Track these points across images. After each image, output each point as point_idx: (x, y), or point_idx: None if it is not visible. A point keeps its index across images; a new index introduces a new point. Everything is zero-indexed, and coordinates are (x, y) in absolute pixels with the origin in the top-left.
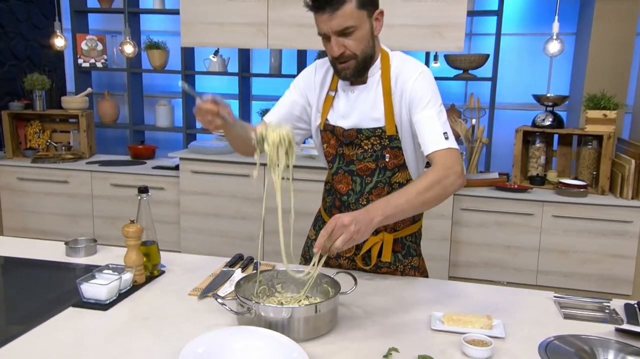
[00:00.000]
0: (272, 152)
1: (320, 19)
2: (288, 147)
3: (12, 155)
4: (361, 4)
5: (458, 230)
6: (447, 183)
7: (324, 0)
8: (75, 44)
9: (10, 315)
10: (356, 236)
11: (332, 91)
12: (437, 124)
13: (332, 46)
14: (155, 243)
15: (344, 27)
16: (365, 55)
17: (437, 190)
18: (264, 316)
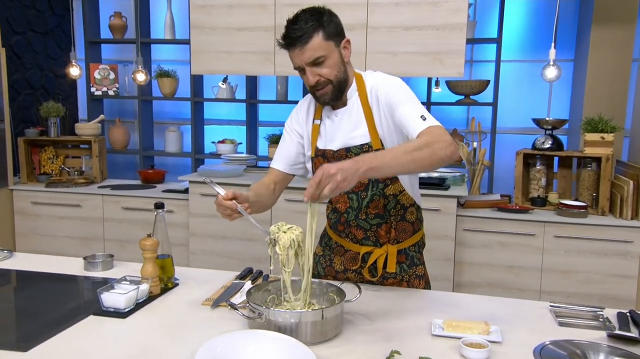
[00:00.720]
0: (282, 254)
1: (293, 54)
2: (297, 249)
3: (26, 180)
4: (327, 35)
5: (461, 251)
6: (437, 147)
7: (294, 38)
8: (88, 73)
9: (35, 323)
10: (342, 184)
11: (317, 119)
12: (414, 112)
13: (307, 76)
14: (170, 257)
15: (315, 58)
16: (339, 79)
17: (426, 152)
18: (274, 320)
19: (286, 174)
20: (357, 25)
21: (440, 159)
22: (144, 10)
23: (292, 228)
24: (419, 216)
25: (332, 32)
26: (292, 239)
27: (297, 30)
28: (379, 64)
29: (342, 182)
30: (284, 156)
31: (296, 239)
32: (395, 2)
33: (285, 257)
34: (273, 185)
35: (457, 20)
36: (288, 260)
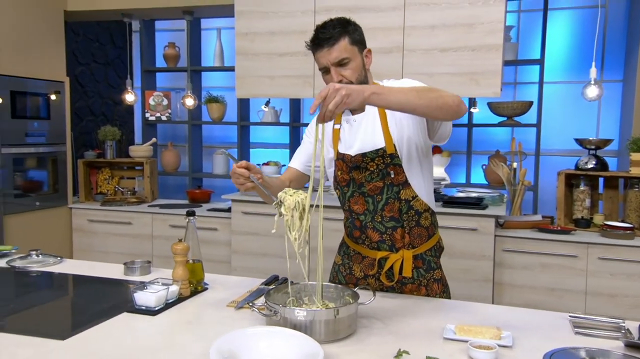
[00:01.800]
0: (287, 214)
1: (320, 54)
2: (302, 212)
3: (84, 199)
4: (353, 40)
5: (501, 272)
6: (447, 96)
7: (322, 38)
8: (144, 99)
9: (76, 317)
10: (347, 100)
11: (337, 124)
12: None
13: (332, 75)
14: (200, 262)
15: (341, 59)
16: (360, 82)
17: (434, 95)
18: (289, 318)
19: (302, 173)
20: (393, 48)
21: (447, 104)
22: (195, 40)
23: (298, 193)
24: (434, 221)
25: (356, 39)
26: (297, 201)
27: (325, 32)
28: None
29: (346, 98)
30: (302, 157)
31: (301, 202)
32: (431, 25)
33: (290, 218)
34: (288, 182)
35: (492, 41)
36: (293, 222)
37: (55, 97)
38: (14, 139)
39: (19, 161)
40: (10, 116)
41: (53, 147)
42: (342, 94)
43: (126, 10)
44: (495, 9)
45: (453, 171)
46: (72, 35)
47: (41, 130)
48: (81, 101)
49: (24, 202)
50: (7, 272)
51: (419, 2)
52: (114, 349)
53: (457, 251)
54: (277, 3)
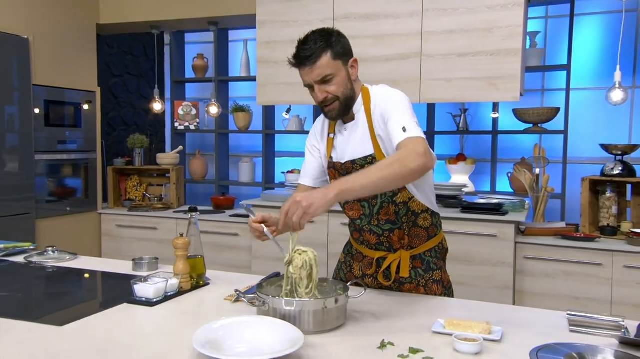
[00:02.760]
0: (295, 274)
1: (303, 73)
2: (310, 271)
3: (113, 205)
4: (335, 55)
5: (522, 279)
6: (407, 161)
7: (304, 57)
8: (173, 109)
9: (79, 306)
10: (309, 211)
11: (331, 133)
12: (398, 123)
13: (316, 93)
14: (201, 257)
15: (324, 76)
16: (346, 96)
17: (396, 167)
18: (277, 308)
19: (313, 188)
20: (411, 54)
21: (411, 171)
22: (223, 52)
23: (307, 252)
24: (435, 222)
25: (339, 52)
26: (305, 260)
27: (306, 50)
28: (433, 90)
29: (308, 209)
30: (308, 171)
31: (309, 261)
32: (449, 30)
33: (299, 277)
34: None
35: (511, 45)
36: (301, 279)
37: (87, 106)
38: (48, 147)
39: (51, 167)
40: (44, 124)
41: (84, 155)
42: (302, 206)
43: (154, 22)
44: (514, 13)
45: (478, 179)
46: (107, 49)
47: (73, 138)
48: (114, 111)
49: (55, 207)
50: (24, 267)
51: (436, 8)
52: (106, 334)
53: (476, 257)
54: (297, 12)
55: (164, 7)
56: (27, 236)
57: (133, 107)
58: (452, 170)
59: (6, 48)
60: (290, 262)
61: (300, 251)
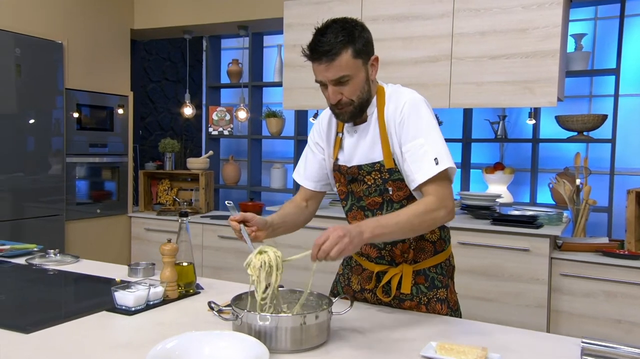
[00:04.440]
0: (254, 275)
1: (318, 68)
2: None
3: (143, 209)
4: (356, 53)
5: (558, 298)
6: (438, 216)
7: (321, 51)
8: (207, 114)
9: (54, 312)
10: (349, 247)
11: (340, 132)
12: (430, 152)
13: (329, 94)
14: (191, 264)
15: (340, 77)
16: (361, 100)
17: (428, 220)
18: (251, 324)
19: (317, 192)
20: (441, 56)
21: (437, 225)
22: (257, 57)
23: (268, 252)
24: (443, 236)
25: (361, 50)
26: (264, 261)
27: (324, 43)
28: (463, 94)
29: (349, 245)
30: (310, 173)
31: (268, 262)
32: (481, 32)
33: (257, 279)
34: (305, 202)
35: (548, 46)
36: (260, 282)
37: (121, 110)
38: (79, 150)
39: (83, 170)
40: (77, 127)
41: (116, 158)
42: (345, 242)
43: (186, 26)
44: (551, 12)
45: (518, 189)
46: (145, 54)
47: (105, 141)
48: (151, 116)
49: (86, 209)
50: (22, 268)
51: (468, 8)
52: (68, 344)
53: (506, 272)
54: (324, 15)
55: (196, 12)
56: (57, 237)
57: (170, 112)
58: (489, 180)
59: (41, 53)
60: (249, 263)
61: (262, 251)
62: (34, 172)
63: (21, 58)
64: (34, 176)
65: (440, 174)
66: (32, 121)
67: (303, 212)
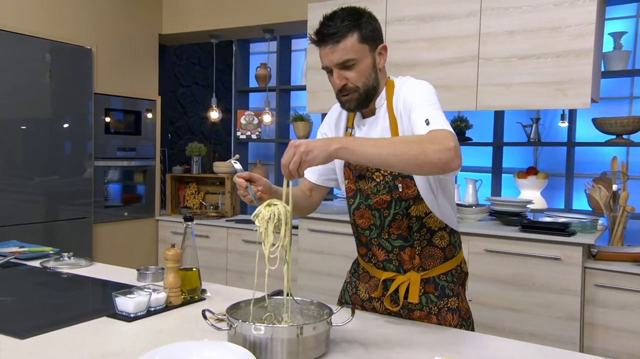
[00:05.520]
0: (261, 227)
1: (323, 52)
2: (278, 224)
3: (170, 212)
4: (363, 38)
5: (592, 310)
6: (430, 148)
7: (326, 34)
8: (236, 118)
9: (58, 315)
10: (306, 158)
11: (349, 127)
12: (421, 116)
13: (334, 79)
14: (195, 269)
15: (345, 60)
16: (367, 87)
17: (415, 149)
18: (245, 334)
19: (320, 185)
20: (467, 57)
21: (430, 161)
22: (285, 61)
23: (277, 205)
24: (453, 241)
25: (368, 36)
26: (274, 213)
27: (331, 26)
28: (491, 96)
29: (305, 155)
30: (317, 168)
31: (277, 213)
32: (510, 31)
33: (264, 231)
34: (309, 192)
35: (581, 45)
36: (267, 235)
37: (149, 114)
38: (107, 153)
39: (110, 173)
40: (105, 131)
41: (144, 162)
42: (300, 151)
43: (212, 31)
44: (585, 9)
45: (552, 195)
46: (175, 59)
47: (133, 145)
48: (181, 120)
49: (113, 212)
50: (35, 271)
51: (496, 7)
52: (58, 351)
53: (537, 282)
54: None
55: (221, 16)
56: (85, 239)
57: (199, 116)
58: (521, 185)
59: (70, 58)
60: (257, 214)
61: (271, 204)
62: (66, 175)
63: (52, 64)
64: (66, 179)
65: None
66: (66, 125)
67: (307, 199)
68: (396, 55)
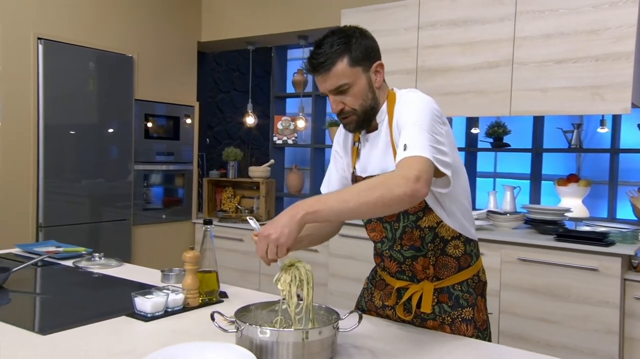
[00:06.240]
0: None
1: (317, 80)
2: (300, 285)
3: (207, 215)
4: (354, 61)
5: (632, 324)
6: (392, 184)
7: (316, 63)
8: (273, 124)
9: (80, 313)
10: (281, 240)
11: (356, 141)
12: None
13: (331, 104)
14: (214, 272)
15: (338, 86)
16: (365, 108)
17: (379, 191)
18: (251, 337)
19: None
20: (501, 61)
21: (397, 198)
22: None
23: (297, 266)
24: (469, 250)
25: (359, 57)
26: (295, 275)
27: (320, 55)
28: (526, 101)
29: (277, 241)
30: (332, 183)
31: (297, 276)
32: (546, 34)
33: (288, 294)
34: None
35: (622, 48)
36: (291, 296)
37: (187, 120)
38: (146, 157)
39: (149, 177)
40: (144, 136)
41: (182, 166)
42: (271, 240)
43: (248, 38)
44: (625, 11)
45: (595, 203)
46: (215, 66)
47: (171, 150)
48: (220, 125)
49: (152, 214)
50: (67, 271)
51: (532, 10)
52: (72, 348)
53: (573, 293)
54: (382, 21)
55: (258, 23)
56: (124, 241)
57: (238, 121)
58: (561, 192)
59: (113, 66)
60: (279, 279)
61: (291, 264)
62: (110, 178)
63: (95, 72)
64: (110, 182)
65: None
66: (111, 130)
67: (330, 223)
68: (429, 60)
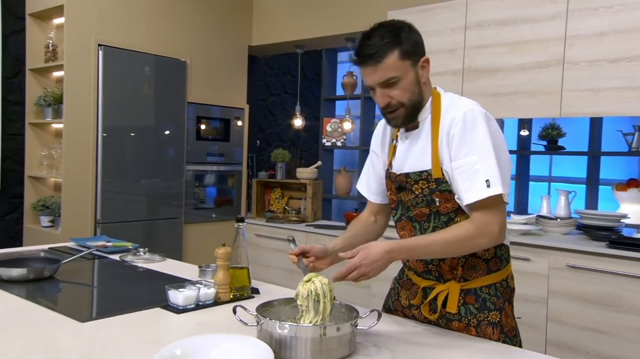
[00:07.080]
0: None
1: (365, 72)
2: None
3: (255, 215)
4: (404, 54)
5: None
6: (477, 243)
7: (366, 55)
8: (322, 126)
9: (119, 303)
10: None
11: (394, 139)
12: (481, 172)
13: (377, 97)
14: (245, 268)
15: (387, 79)
16: (413, 102)
17: (465, 246)
18: (271, 331)
19: (385, 204)
20: (551, 61)
21: (479, 249)
22: None
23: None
24: (499, 254)
25: (409, 51)
26: (311, 289)
27: (370, 47)
28: (577, 102)
29: (369, 274)
30: (372, 186)
31: (313, 290)
32: (600, 32)
33: (306, 308)
34: (374, 217)
35: None
36: (309, 311)
37: (237, 122)
38: (197, 158)
39: (200, 177)
40: (195, 138)
41: (231, 167)
42: (361, 272)
43: (297, 41)
44: None
45: None
46: (267, 69)
47: (222, 151)
48: (271, 127)
49: (202, 213)
50: (115, 264)
51: (584, 7)
52: (104, 335)
53: (625, 303)
54: (428, 21)
55: (306, 27)
56: (175, 237)
57: (288, 124)
58: (620, 198)
59: (167, 70)
60: (297, 294)
61: (308, 280)
62: (165, 178)
63: (151, 76)
64: (165, 182)
65: (491, 199)
66: (167, 132)
67: (372, 229)
68: (476, 61)
